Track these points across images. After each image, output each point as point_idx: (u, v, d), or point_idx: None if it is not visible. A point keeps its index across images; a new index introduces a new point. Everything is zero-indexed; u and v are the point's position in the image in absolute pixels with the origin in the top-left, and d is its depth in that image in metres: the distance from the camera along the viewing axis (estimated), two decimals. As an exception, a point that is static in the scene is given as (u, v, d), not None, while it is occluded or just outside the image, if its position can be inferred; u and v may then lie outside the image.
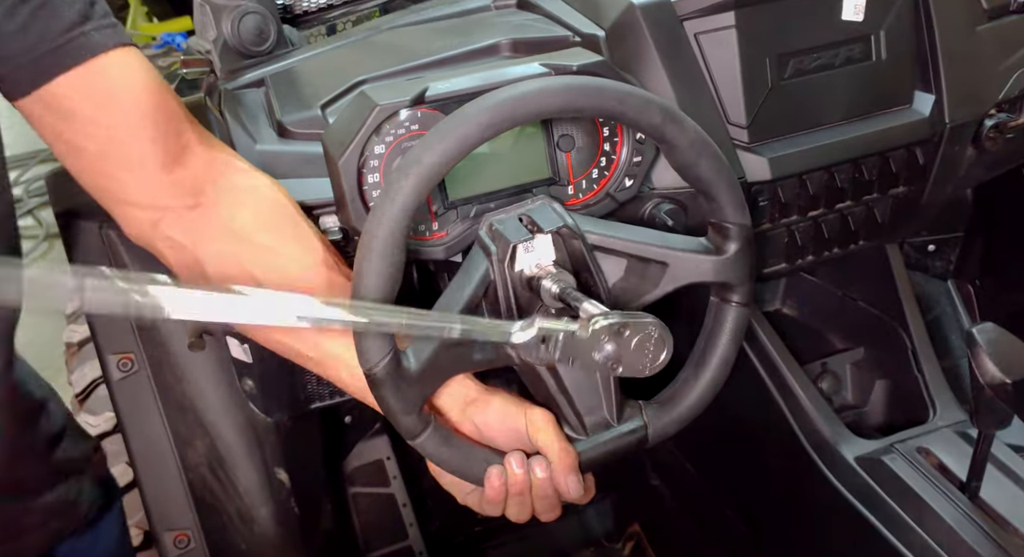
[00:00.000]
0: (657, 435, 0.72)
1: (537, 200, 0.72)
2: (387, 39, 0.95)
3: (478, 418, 0.70)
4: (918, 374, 0.97)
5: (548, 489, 0.68)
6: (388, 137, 0.71)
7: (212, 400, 0.95)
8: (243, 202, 0.70)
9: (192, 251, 0.70)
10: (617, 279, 0.70)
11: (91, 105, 0.65)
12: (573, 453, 0.68)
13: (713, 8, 0.83)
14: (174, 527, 0.96)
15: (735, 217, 0.70)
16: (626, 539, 1.43)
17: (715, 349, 0.73)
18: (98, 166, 0.68)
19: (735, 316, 0.73)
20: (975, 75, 0.93)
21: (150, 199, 0.69)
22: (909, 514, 0.80)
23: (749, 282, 0.73)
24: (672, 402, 0.73)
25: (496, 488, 0.67)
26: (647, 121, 0.66)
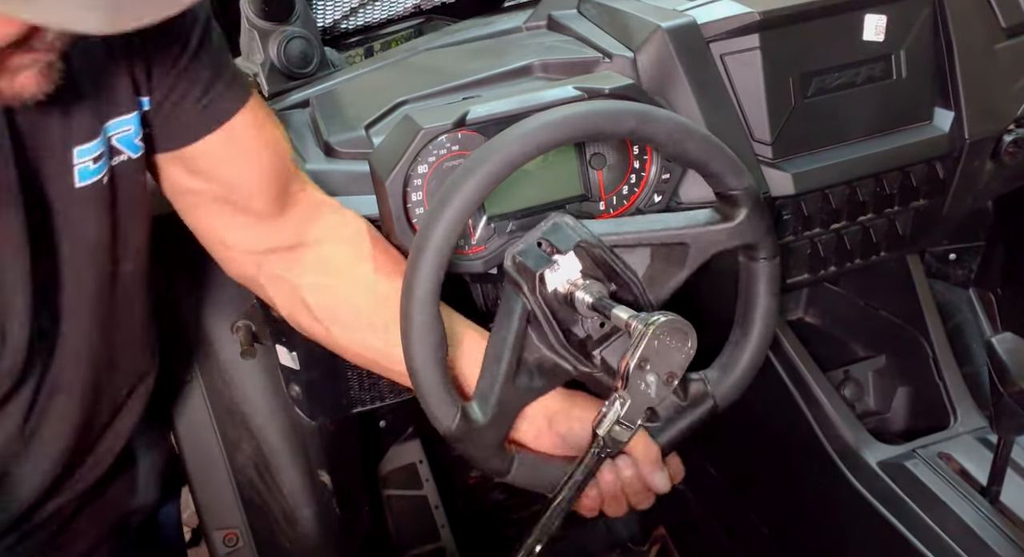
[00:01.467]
0: (725, 401, 0.75)
1: (550, 220, 0.74)
2: (424, 61, 0.99)
3: (562, 428, 0.72)
4: (939, 381, 0.99)
5: (638, 484, 0.71)
6: (431, 158, 0.75)
7: (260, 405, 0.99)
8: (341, 239, 0.76)
9: (292, 283, 0.76)
10: (645, 268, 0.73)
11: (220, 165, 0.70)
12: (654, 448, 0.71)
13: (738, 31, 0.86)
14: (223, 526, 1.00)
15: (736, 182, 0.71)
16: (651, 542, 1.45)
17: (756, 306, 0.75)
18: (213, 211, 0.73)
19: (766, 270, 0.75)
20: (994, 92, 0.95)
21: (259, 244, 0.75)
22: (931, 518, 0.82)
23: (769, 236, 0.74)
24: (730, 365, 0.75)
25: (592, 498, 0.70)
26: (625, 129, 0.68)
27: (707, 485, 1.24)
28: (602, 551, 1.47)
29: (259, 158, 0.72)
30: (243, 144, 0.71)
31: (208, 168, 0.71)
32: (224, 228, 0.75)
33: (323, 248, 0.76)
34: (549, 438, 0.73)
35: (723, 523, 1.26)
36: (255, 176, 0.72)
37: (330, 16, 1.13)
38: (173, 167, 0.71)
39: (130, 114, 0.65)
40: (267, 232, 0.75)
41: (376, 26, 1.17)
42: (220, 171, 0.71)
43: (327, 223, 0.77)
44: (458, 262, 0.77)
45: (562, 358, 0.71)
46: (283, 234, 0.75)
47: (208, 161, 0.70)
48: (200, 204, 0.74)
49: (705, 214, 0.74)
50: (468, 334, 0.74)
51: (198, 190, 0.72)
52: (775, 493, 1.10)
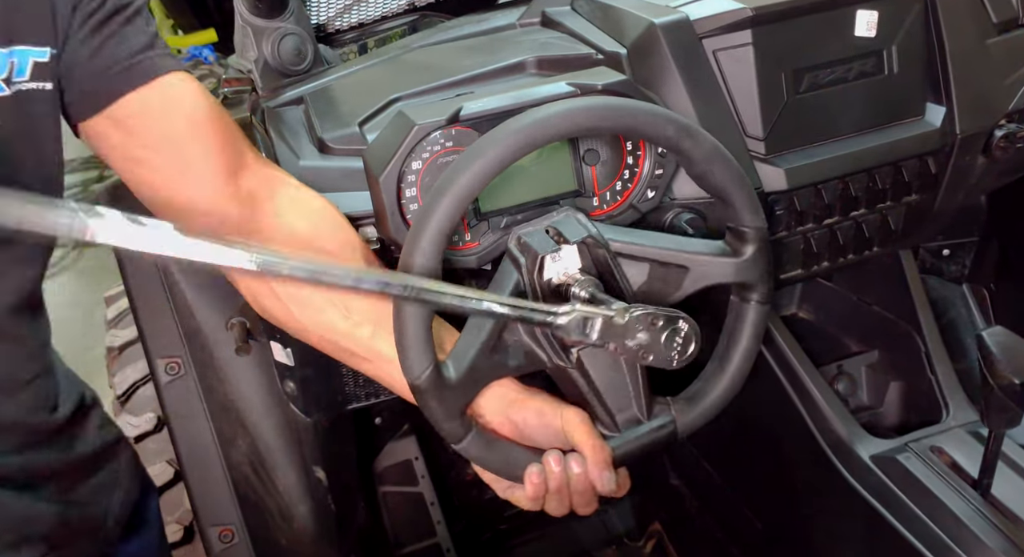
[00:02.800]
0: (686, 429, 0.76)
1: (562, 212, 0.75)
2: (418, 57, 0.99)
3: (518, 417, 0.73)
4: (931, 376, 0.99)
5: (584, 484, 0.71)
6: (425, 154, 0.75)
7: (254, 402, 0.99)
8: (301, 213, 0.75)
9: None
10: (641, 283, 0.74)
11: (155, 119, 0.69)
12: (607, 449, 0.71)
13: (731, 27, 0.86)
14: (219, 523, 1.00)
15: (751, 221, 0.74)
16: (647, 537, 1.46)
17: (737, 345, 0.77)
18: (160, 176, 0.72)
19: (755, 313, 0.76)
20: (985, 87, 0.96)
21: (210, 205, 0.73)
22: (923, 510, 0.82)
23: (767, 281, 0.76)
24: (698, 397, 0.76)
25: (536, 485, 0.70)
26: (663, 136, 0.70)
27: (702, 480, 1.25)
28: (598, 546, 1.47)
29: (194, 120, 0.71)
30: (176, 104, 0.70)
31: (142, 128, 0.69)
32: (173, 201, 0.73)
33: (281, 220, 0.75)
34: (504, 425, 0.74)
35: (718, 518, 1.26)
36: (191, 139, 0.71)
37: (324, 13, 1.13)
38: (110, 130, 0.70)
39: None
40: (216, 204, 0.73)
41: (370, 23, 1.17)
42: (155, 131, 0.70)
43: (285, 197, 0.76)
44: (452, 257, 0.77)
45: (540, 348, 0.71)
46: (238, 199, 0.73)
47: (141, 119, 0.69)
48: (146, 174, 0.72)
49: (714, 244, 0.76)
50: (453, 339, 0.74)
51: (140, 157, 0.71)
52: (769, 488, 1.10)
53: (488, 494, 1.44)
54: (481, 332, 0.69)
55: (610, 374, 0.73)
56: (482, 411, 0.74)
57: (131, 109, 0.69)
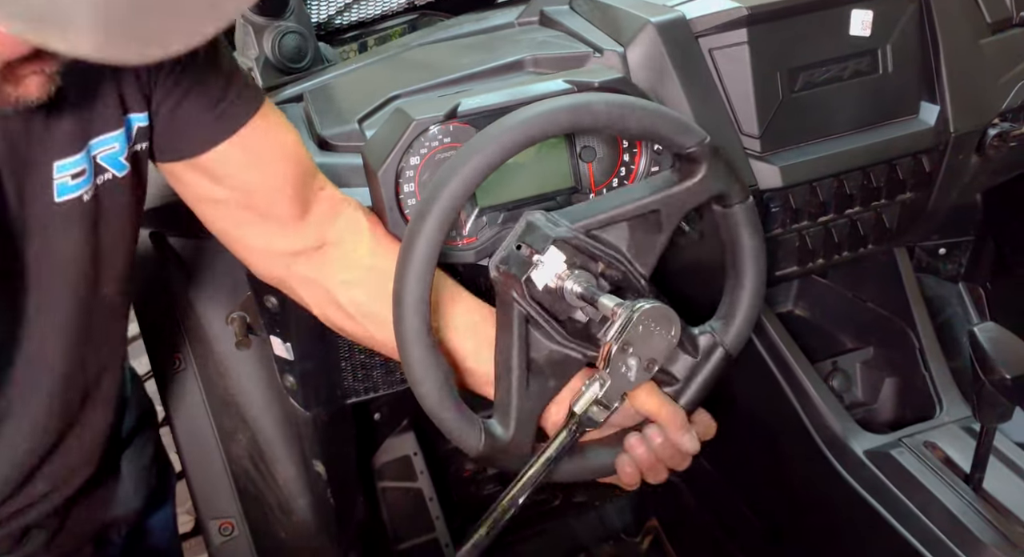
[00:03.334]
0: (735, 347, 0.76)
1: (522, 221, 0.73)
2: (417, 56, 1.00)
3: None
4: (925, 372, 1.00)
5: (671, 449, 0.73)
6: (423, 149, 0.76)
7: (254, 396, 1.00)
8: (358, 233, 0.77)
9: (322, 283, 0.76)
10: (626, 241, 0.74)
11: (239, 171, 0.71)
12: (678, 411, 0.72)
13: (727, 25, 0.87)
14: (219, 515, 1.01)
15: (687, 140, 0.71)
16: (644, 533, 1.47)
17: (742, 249, 0.76)
18: (237, 217, 0.74)
19: (743, 213, 0.75)
20: (979, 86, 0.97)
21: (286, 246, 0.75)
22: (916, 505, 0.83)
23: (736, 181, 0.74)
24: (732, 312, 0.76)
25: (631, 473, 0.73)
26: (565, 126, 0.68)
27: (699, 476, 1.26)
28: (595, 542, 1.48)
29: (276, 163, 0.72)
30: (259, 150, 0.71)
31: (226, 175, 0.71)
32: (249, 234, 0.75)
33: (345, 245, 0.77)
34: None
35: (715, 513, 1.27)
36: (274, 181, 0.72)
37: (324, 11, 1.14)
38: (192, 174, 0.71)
39: (115, 131, 0.64)
40: (292, 235, 0.75)
41: (370, 22, 1.18)
42: (238, 178, 0.71)
43: (345, 219, 0.77)
44: (450, 253, 0.78)
45: (570, 349, 0.72)
46: (307, 236, 0.76)
47: (225, 168, 0.70)
48: (222, 211, 0.74)
49: (667, 177, 0.75)
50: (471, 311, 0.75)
51: (219, 198, 0.73)
52: (765, 483, 1.11)
53: (487, 490, 1.46)
54: (511, 372, 0.70)
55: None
56: (557, 417, 0.74)
57: (214, 162, 0.69)
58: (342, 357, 0.96)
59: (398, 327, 0.66)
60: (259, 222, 0.74)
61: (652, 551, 1.45)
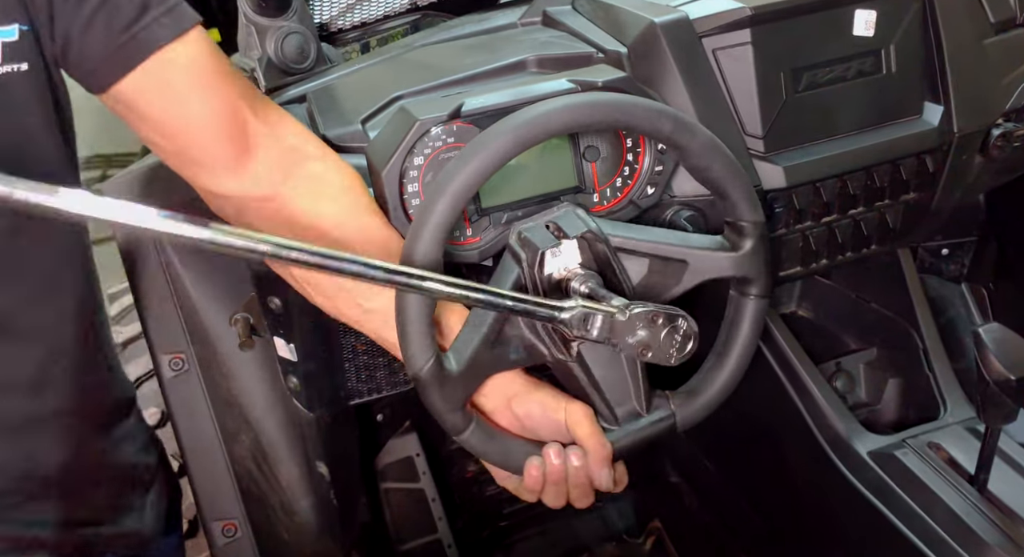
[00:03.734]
0: (685, 422, 0.76)
1: (563, 207, 0.76)
2: (420, 56, 1.00)
3: (520, 410, 0.74)
4: (929, 373, 1.00)
5: (583, 478, 0.72)
6: (427, 149, 0.76)
7: (257, 397, 1.00)
8: (322, 194, 0.73)
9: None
10: (640, 277, 0.75)
11: (158, 105, 0.66)
12: (608, 447, 0.72)
13: (730, 26, 0.87)
14: (222, 517, 1.01)
15: (749, 215, 0.74)
16: (647, 534, 1.47)
17: (737, 339, 0.77)
18: (176, 162, 0.71)
19: (754, 308, 0.77)
20: (982, 86, 0.97)
21: (227, 191, 0.72)
22: (920, 506, 0.83)
23: (766, 275, 0.76)
24: (698, 391, 0.77)
25: (535, 477, 0.71)
26: (661, 131, 0.71)
27: (701, 477, 1.26)
28: (598, 543, 1.48)
29: (196, 97, 0.66)
30: (175, 81, 0.65)
31: (142, 110, 0.65)
32: (188, 175, 0.71)
33: (301, 205, 0.72)
34: (506, 417, 0.74)
35: (717, 514, 1.27)
36: (195, 119, 0.66)
37: (327, 12, 1.14)
38: (118, 109, 0.67)
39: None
40: (231, 180, 0.70)
41: (372, 22, 1.18)
42: (154, 113, 0.66)
43: (306, 174, 0.73)
44: (454, 252, 0.78)
45: (541, 342, 0.72)
46: (251, 184, 0.71)
47: (140, 100, 0.65)
48: (157, 150, 0.70)
49: (711, 239, 0.77)
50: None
51: (152, 141, 0.68)
52: (768, 484, 1.11)
53: (488, 491, 1.46)
54: (482, 326, 0.70)
55: (610, 368, 0.73)
56: (484, 403, 0.74)
57: (132, 92, 0.65)
58: (346, 358, 0.96)
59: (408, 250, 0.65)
60: (191, 164, 0.70)
61: (655, 552, 1.45)
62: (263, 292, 0.94)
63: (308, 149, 0.75)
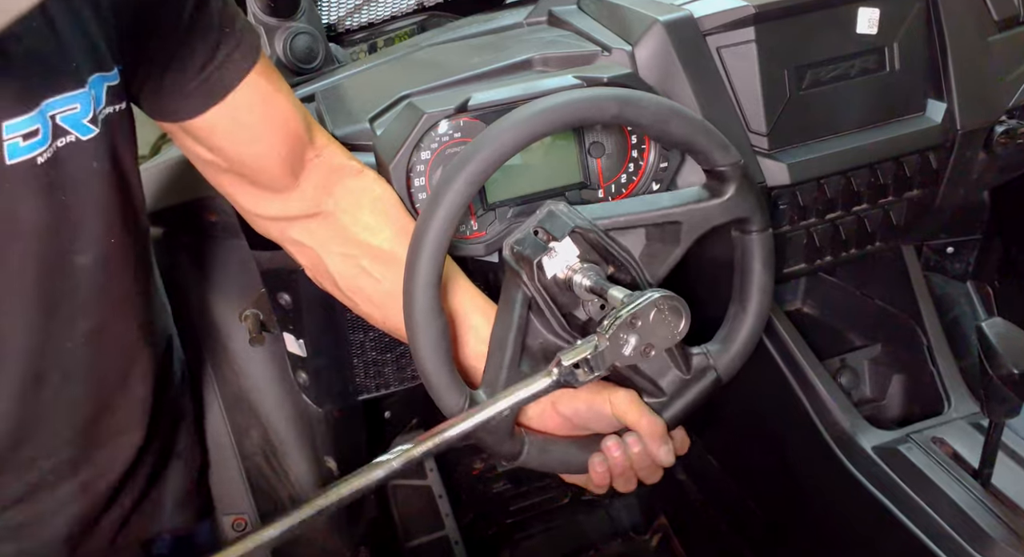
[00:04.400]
0: (727, 372, 0.76)
1: (544, 208, 0.74)
2: (427, 56, 1.01)
3: (567, 410, 0.73)
4: (933, 368, 1.00)
5: (646, 460, 0.72)
6: (434, 143, 0.77)
7: (267, 392, 1.01)
8: (361, 207, 0.75)
9: (316, 252, 0.76)
10: (642, 248, 0.74)
11: (227, 138, 0.69)
12: (659, 423, 0.72)
13: (734, 24, 0.88)
14: (232, 512, 1.02)
15: (722, 158, 0.72)
16: (653, 531, 1.47)
17: (752, 278, 0.76)
18: (228, 181, 0.74)
19: (759, 242, 0.76)
20: (986, 83, 0.97)
21: (276, 212, 0.75)
22: (924, 500, 0.83)
23: (760, 209, 0.75)
24: (730, 338, 0.76)
25: (601, 474, 0.72)
26: (609, 115, 0.69)
27: (707, 474, 1.26)
28: (604, 540, 1.49)
29: (266, 132, 0.70)
30: (246, 119, 0.69)
31: (213, 142, 0.69)
32: (239, 196, 0.74)
33: (343, 217, 0.75)
34: (553, 419, 0.74)
35: (723, 511, 1.27)
36: (262, 151, 0.71)
37: (335, 13, 1.15)
38: (181, 135, 0.70)
39: (76, 91, 0.61)
40: (283, 202, 0.74)
41: (380, 23, 1.19)
42: (224, 145, 0.70)
43: (345, 190, 0.76)
44: (460, 246, 0.79)
45: (565, 342, 0.72)
46: (300, 203, 0.75)
47: (212, 135, 0.69)
48: (212, 172, 0.73)
49: (695, 192, 0.75)
50: (477, 308, 0.75)
51: (208, 160, 0.72)
52: (773, 480, 1.11)
53: (495, 488, 1.47)
54: (504, 350, 0.70)
55: None
56: (530, 413, 0.74)
57: (202, 127, 0.68)
58: (354, 354, 0.97)
59: (407, 282, 0.66)
60: (248, 187, 0.73)
61: (661, 549, 1.45)
62: (273, 288, 0.95)
63: (349, 165, 0.78)
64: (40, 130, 0.59)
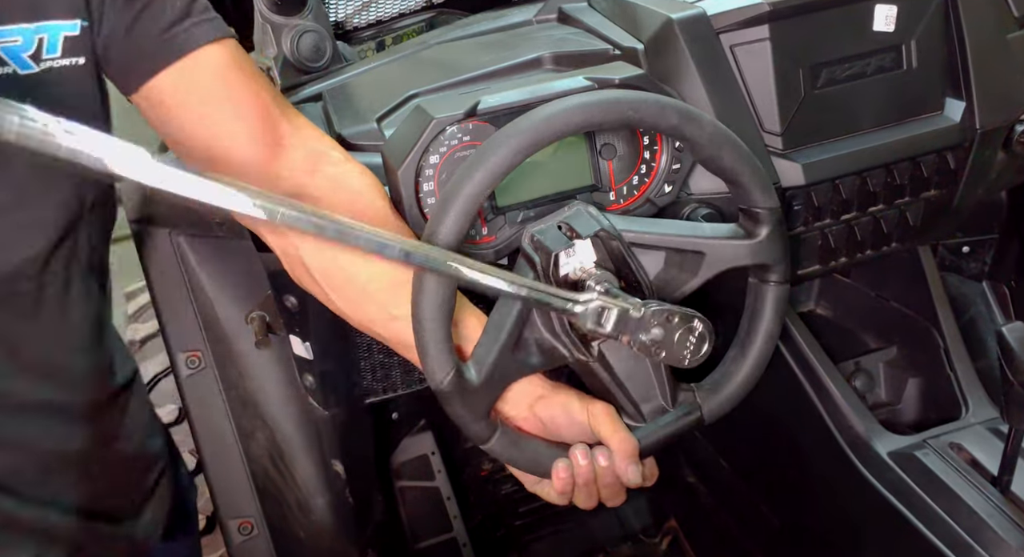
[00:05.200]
0: (712, 415, 0.75)
1: (574, 206, 0.75)
2: (435, 54, 1.00)
3: (544, 414, 0.73)
4: (951, 372, 0.99)
5: (611, 477, 0.71)
6: (442, 148, 0.76)
7: (273, 395, 1.01)
8: (339, 198, 0.74)
9: (291, 240, 0.74)
10: (658, 271, 0.74)
11: (190, 103, 0.68)
12: (632, 442, 0.71)
13: (748, 22, 0.86)
14: (238, 515, 1.02)
15: (763, 201, 0.73)
16: (663, 534, 1.46)
17: (759, 327, 0.76)
18: (202, 160, 0.72)
19: (775, 294, 0.76)
20: (1005, 82, 0.95)
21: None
22: (941, 507, 0.82)
23: (784, 261, 0.75)
24: (722, 382, 0.76)
25: (564, 480, 0.71)
26: (667, 124, 0.69)
27: (718, 477, 1.25)
28: (614, 543, 1.48)
29: (228, 104, 0.69)
30: (205, 86, 0.68)
31: (175, 115, 0.68)
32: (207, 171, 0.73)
33: (321, 205, 0.70)
34: (530, 422, 0.74)
35: (734, 515, 1.26)
36: (228, 121, 0.69)
37: (342, 11, 1.14)
38: (148, 113, 0.69)
39: (21, 24, 0.61)
40: (256, 181, 0.68)
41: (387, 20, 1.18)
42: (187, 118, 0.69)
43: (325, 177, 0.74)
44: (470, 251, 0.78)
45: (561, 343, 0.71)
46: (274, 186, 0.72)
47: (172, 107, 0.67)
48: (176, 144, 0.72)
49: (727, 228, 0.75)
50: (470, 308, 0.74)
51: (178, 141, 0.70)
52: (786, 484, 1.10)
53: (504, 490, 1.46)
54: (501, 332, 0.69)
55: (632, 365, 0.72)
56: (508, 408, 0.74)
57: (164, 89, 0.67)
58: (361, 357, 0.96)
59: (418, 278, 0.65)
60: (216, 164, 0.71)
61: (671, 552, 1.45)
62: (279, 290, 0.94)
63: (330, 153, 0.76)
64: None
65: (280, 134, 0.73)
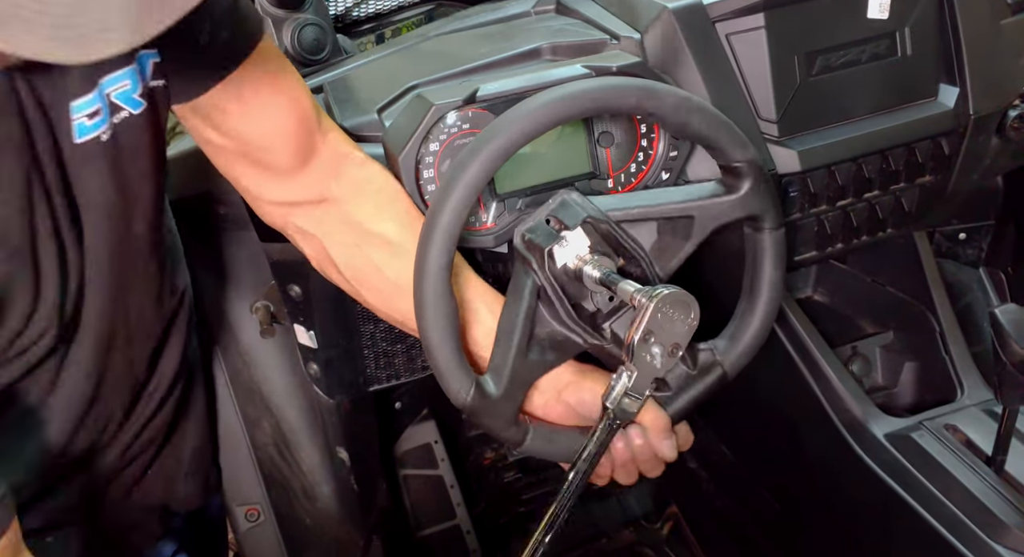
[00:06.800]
0: (734, 368, 0.76)
1: (557, 198, 0.75)
2: (434, 46, 1.00)
3: (572, 399, 0.74)
4: (946, 355, 1.00)
5: (648, 453, 0.73)
6: (442, 135, 0.77)
7: (278, 384, 1.02)
8: (364, 195, 0.76)
9: (320, 240, 0.77)
10: (653, 242, 0.74)
11: (235, 116, 0.71)
12: (664, 417, 0.73)
13: (743, 10, 0.87)
14: (245, 502, 1.03)
15: (740, 155, 0.73)
16: (664, 520, 1.48)
17: (762, 275, 0.77)
18: (236, 165, 0.74)
19: (772, 240, 0.76)
20: (999, 68, 0.96)
21: (282, 197, 0.76)
22: (937, 487, 0.83)
23: (774, 207, 0.75)
24: (738, 334, 0.77)
25: (604, 465, 0.73)
26: (629, 104, 0.69)
27: (718, 462, 1.26)
28: (615, 528, 1.49)
29: (273, 108, 0.72)
30: (254, 94, 0.70)
31: (220, 122, 0.71)
32: (246, 180, 0.75)
33: (347, 205, 0.76)
34: (559, 409, 0.75)
35: (734, 499, 1.27)
36: (269, 132, 0.72)
37: (342, 4, 1.15)
38: (192, 118, 0.72)
39: (123, 69, 0.64)
40: (289, 186, 0.75)
41: (387, 13, 1.19)
42: (232, 125, 0.71)
43: (350, 178, 0.77)
44: (470, 237, 0.79)
45: (572, 332, 0.72)
46: (305, 189, 0.75)
47: (219, 115, 0.70)
48: (221, 155, 0.74)
49: (710, 187, 0.75)
50: (484, 299, 0.75)
51: (216, 143, 0.73)
52: (785, 468, 1.11)
53: (506, 478, 1.47)
54: (512, 337, 0.70)
55: None
56: (536, 399, 0.75)
57: (210, 104, 0.70)
58: (365, 345, 0.97)
59: (418, 265, 0.66)
60: (255, 170, 0.74)
61: (672, 537, 1.46)
62: (283, 280, 0.95)
63: (354, 154, 0.78)
64: (101, 109, 0.63)
65: (315, 140, 0.76)
